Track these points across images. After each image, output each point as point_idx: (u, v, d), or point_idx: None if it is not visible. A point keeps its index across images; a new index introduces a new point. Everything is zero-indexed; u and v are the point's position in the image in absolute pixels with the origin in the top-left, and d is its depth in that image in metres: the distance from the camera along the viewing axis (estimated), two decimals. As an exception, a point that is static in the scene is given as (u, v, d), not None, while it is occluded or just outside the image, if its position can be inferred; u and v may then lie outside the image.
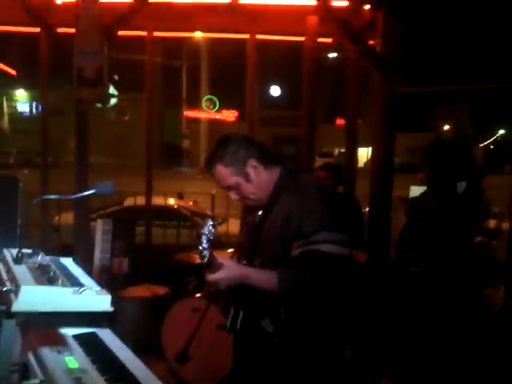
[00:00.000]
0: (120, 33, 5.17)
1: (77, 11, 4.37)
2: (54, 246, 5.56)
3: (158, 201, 6.81)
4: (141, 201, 6.25)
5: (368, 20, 4.93)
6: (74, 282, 1.73)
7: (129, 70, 23.25)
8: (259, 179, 2.11)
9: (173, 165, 24.87)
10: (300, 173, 2.22)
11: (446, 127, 4.96)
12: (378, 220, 4.88)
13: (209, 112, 17.60)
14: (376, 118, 4.78)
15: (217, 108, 17.34)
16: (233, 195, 2.17)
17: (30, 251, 2.09)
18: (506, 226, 5.41)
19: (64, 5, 4.93)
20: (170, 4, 4.95)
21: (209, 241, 1.92)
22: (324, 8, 4.75)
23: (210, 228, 1.93)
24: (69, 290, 1.59)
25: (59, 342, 2.03)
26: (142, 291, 4.62)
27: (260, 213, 2.16)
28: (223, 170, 2.10)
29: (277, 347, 2.09)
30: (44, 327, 1.69)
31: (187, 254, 4.39)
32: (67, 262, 2.08)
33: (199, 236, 1.93)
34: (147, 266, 5.09)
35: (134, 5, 4.43)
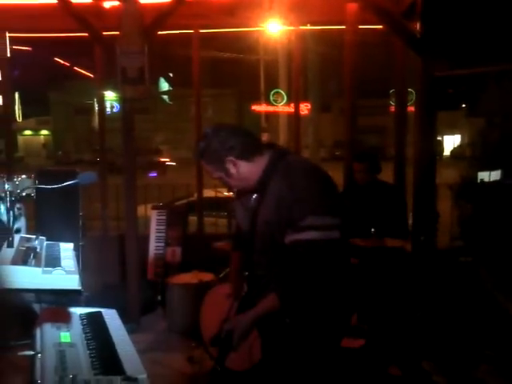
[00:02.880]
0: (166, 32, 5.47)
1: (120, 14, 4.62)
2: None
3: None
4: (207, 193, 6.43)
5: (408, 5, 4.81)
6: (51, 264, 1.90)
7: (208, 68, 23.96)
8: (240, 174, 2.17)
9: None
10: (289, 154, 2.26)
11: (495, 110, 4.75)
12: (422, 209, 4.75)
13: (277, 106, 17.57)
14: (416, 105, 4.67)
15: (285, 101, 17.25)
16: (222, 184, 2.28)
17: (33, 236, 2.31)
18: None
19: (112, 8, 5.24)
20: (208, 1, 5.11)
21: None
22: (362, -5, 4.71)
23: None
24: (39, 270, 1.77)
25: (66, 320, 2.23)
26: (189, 278, 4.83)
27: (254, 196, 2.22)
28: (206, 166, 2.21)
29: (289, 328, 2.18)
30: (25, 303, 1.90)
31: (225, 243, 4.54)
32: (65, 247, 2.29)
33: None
34: (199, 254, 5.29)
35: (171, 5, 4.61)
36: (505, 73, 5.00)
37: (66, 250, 2.21)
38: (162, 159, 28.99)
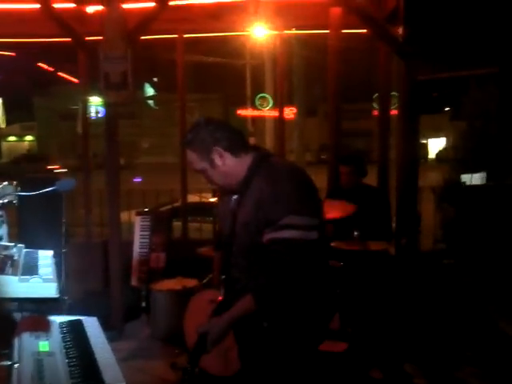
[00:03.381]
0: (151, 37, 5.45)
1: (103, 19, 4.60)
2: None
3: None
4: (191, 199, 6.40)
5: (391, 9, 4.85)
6: (29, 272, 1.88)
7: (194, 73, 24.02)
8: (225, 166, 2.16)
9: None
10: (272, 156, 2.26)
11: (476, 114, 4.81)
12: (405, 211, 4.79)
13: (262, 110, 17.66)
14: (399, 108, 4.71)
15: (270, 106, 17.32)
16: (204, 178, 2.25)
17: (11, 244, 2.29)
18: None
19: (95, 13, 5.22)
20: (193, 5, 5.11)
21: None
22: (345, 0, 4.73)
23: None
24: (15, 278, 1.75)
25: (45, 328, 2.20)
26: (173, 284, 4.80)
27: (235, 197, 2.22)
28: (192, 155, 2.18)
29: (267, 332, 2.16)
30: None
31: (209, 248, 4.53)
32: (44, 254, 2.26)
33: None
34: (184, 260, 5.26)
35: (154, 10, 4.60)
36: (486, 76, 5.06)
37: (45, 257, 2.18)
38: (50, 167, 27.68)
